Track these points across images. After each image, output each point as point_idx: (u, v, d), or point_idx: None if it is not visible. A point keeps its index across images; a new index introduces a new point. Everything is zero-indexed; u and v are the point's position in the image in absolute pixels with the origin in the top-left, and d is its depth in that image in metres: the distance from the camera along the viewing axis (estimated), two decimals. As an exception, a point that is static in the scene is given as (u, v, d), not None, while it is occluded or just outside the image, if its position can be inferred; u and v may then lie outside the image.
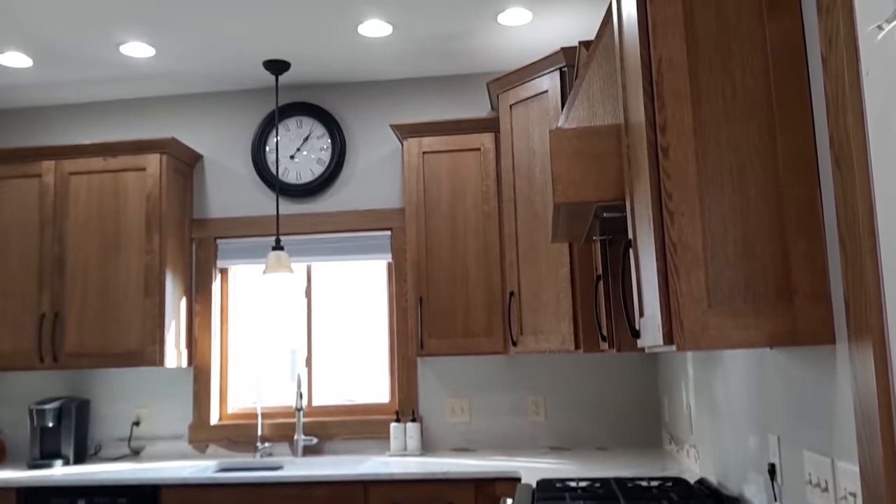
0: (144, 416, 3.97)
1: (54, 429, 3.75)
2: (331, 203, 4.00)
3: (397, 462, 3.42)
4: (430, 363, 3.85)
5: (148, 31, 3.38)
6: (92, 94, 4.13)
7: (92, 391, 4.02)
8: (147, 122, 4.18)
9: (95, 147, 3.79)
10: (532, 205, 3.31)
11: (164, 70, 3.83)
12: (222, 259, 4.05)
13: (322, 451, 3.82)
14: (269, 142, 4.03)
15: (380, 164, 4.00)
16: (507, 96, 3.46)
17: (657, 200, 1.49)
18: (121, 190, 3.77)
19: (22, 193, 3.83)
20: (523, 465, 3.22)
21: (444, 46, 3.65)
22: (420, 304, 3.52)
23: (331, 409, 3.96)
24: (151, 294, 3.68)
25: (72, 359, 3.70)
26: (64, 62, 3.70)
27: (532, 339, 3.28)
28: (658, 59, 1.51)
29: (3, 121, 4.32)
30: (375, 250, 3.95)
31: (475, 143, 3.58)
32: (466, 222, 3.55)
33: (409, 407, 3.80)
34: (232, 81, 4.02)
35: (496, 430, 3.76)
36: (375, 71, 3.93)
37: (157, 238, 3.71)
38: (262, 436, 3.86)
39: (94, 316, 3.71)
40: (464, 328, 3.49)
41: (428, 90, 4.01)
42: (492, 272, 3.50)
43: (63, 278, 3.74)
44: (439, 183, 3.59)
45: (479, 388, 3.80)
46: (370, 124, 4.03)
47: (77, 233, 3.77)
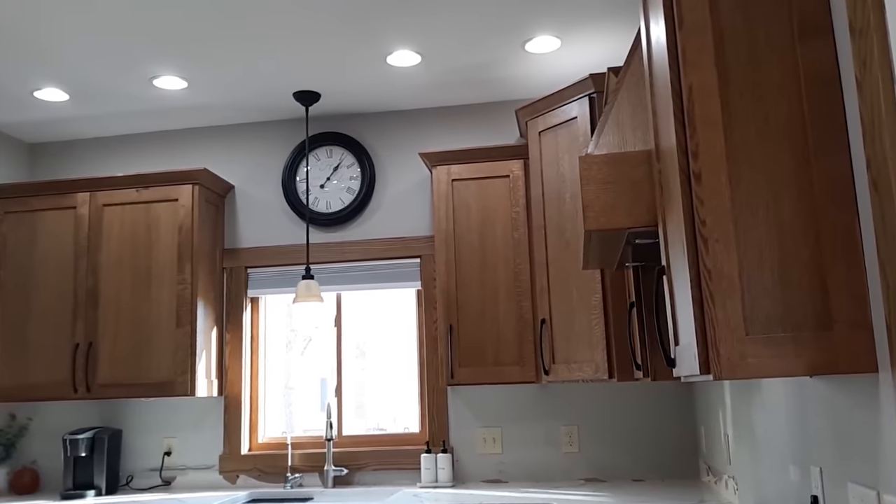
0: (175, 446, 3.98)
1: (87, 459, 3.77)
2: (360, 231, 4.01)
3: (428, 494, 3.38)
4: (460, 393, 3.81)
5: (180, 64, 3.44)
6: (125, 126, 4.21)
7: (124, 421, 4.04)
8: (179, 154, 4.25)
9: (129, 179, 3.85)
10: (562, 232, 3.28)
11: (197, 102, 3.89)
12: (253, 288, 4.07)
13: (352, 482, 3.79)
14: (300, 171, 4.06)
15: (409, 193, 4.01)
16: (535, 123, 3.45)
17: (690, 227, 1.47)
18: (153, 221, 3.82)
19: (57, 225, 3.90)
20: (558, 497, 3.16)
21: (472, 75, 3.67)
22: (450, 332, 3.50)
23: (361, 440, 3.93)
24: (183, 324, 3.70)
25: (104, 389, 3.72)
26: (99, 96, 3.78)
27: (564, 368, 3.24)
28: (689, 85, 1.49)
29: (40, 154, 4.41)
30: (405, 278, 3.94)
31: (504, 170, 3.57)
32: (496, 250, 3.53)
33: (439, 437, 3.77)
34: (262, 113, 4.07)
35: (529, 461, 3.71)
36: (404, 100, 3.96)
37: (189, 268, 3.74)
38: (292, 466, 3.84)
39: (127, 346, 3.74)
40: (494, 357, 3.46)
41: (456, 118, 4.03)
42: (522, 300, 3.47)
43: (97, 309, 3.78)
44: (468, 210, 3.58)
45: (510, 418, 3.75)
46: (399, 153, 4.05)
47: (110, 264, 3.82)
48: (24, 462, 4.05)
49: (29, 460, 4.06)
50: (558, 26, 3.20)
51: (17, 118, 4.03)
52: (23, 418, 4.11)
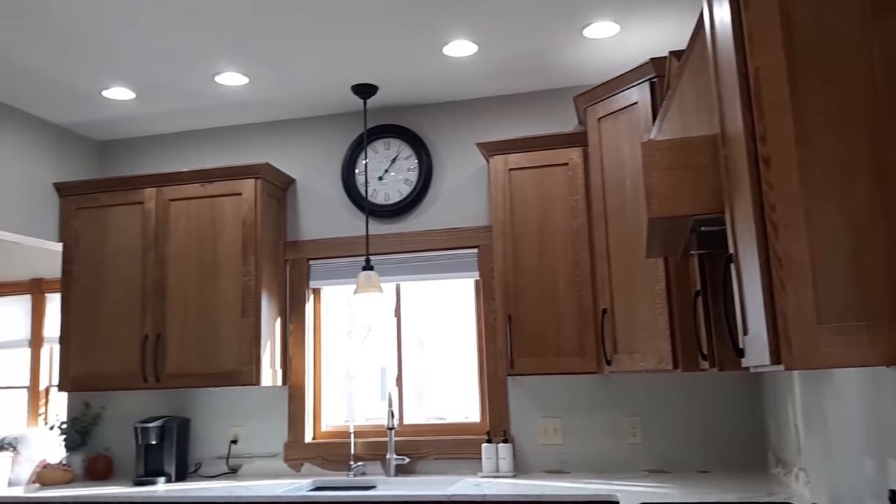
0: (242, 434, 4.07)
1: (157, 446, 3.89)
2: (418, 222, 4.03)
3: (490, 483, 3.38)
4: (520, 382, 3.80)
5: (242, 61, 3.50)
6: (190, 123, 4.31)
7: (192, 410, 4.16)
8: (242, 149, 4.33)
9: (193, 174, 3.94)
10: (624, 219, 3.23)
11: (257, 98, 3.96)
12: (315, 280, 4.13)
13: (414, 471, 3.81)
14: (359, 164, 4.09)
15: (466, 183, 4.00)
16: (595, 110, 3.40)
17: (759, 213, 1.42)
18: (218, 215, 3.90)
19: (126, 220, 4.02)
20: (621, 488, 3.13)
21: (529, 63, 3.63)
22: (509, 322, 3.48)
23: (421, 429, 3.96)
24: (248, 315, 3.78)
25: (173, 379, 3.83)
26: (163, 94, 3.87)
27: (627, 359, 3.19)
28: (755, 68, 1.45)
29: (109, 151, 4.55)
30: (463, 268, 3.94)
31: (563, 157, 3.54)
32: (555, 239, 3.50)
33: (500, 427, 3.76)
34: (321, 107, 4.11)
35: (591, 452, 3.68)
36: (461, 90, 3.94)
37: (253, 260, 3.82)
38: (354, 455, 3.89)
39: (194, 337, 3.83)
40: (555, 347, 3.43)
41: (513, 107, 4.00)
42: (583, 289, 3.43)
43: (165, 301, 3.89)
44: (526, 199, 3.55)
45: (571, 408, 3.73)
46: (456, 143, 4.04)
47: (177, 257, 3.92)
48: (98, 449, 4.20)
49: (103, 447, 4.21)
50: (617, 11, 3.14)
51: (88, 117, 4.16)
52: (96, 407, 4.26)
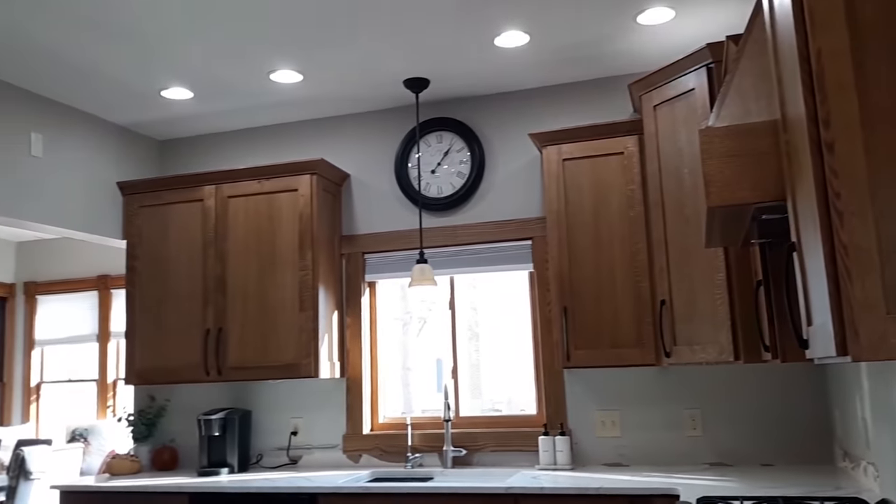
0: (301, 426, 4.14)
1: (220, 438, 3.98)
2: (471, 215, 4.02)
3: (547, 476, 3.37)
4: (577, 375, 3.77)
5: (296, 58, 3.54)
6: (246, 121, 4.38)
7: (253, 402, 4.24)
8: (297, 145, 4.39)
9: (251, 171, 4.01)
10: (682, 209, 3.17)
11: (311, 94, 4.00)
12: (370, 273, 4.17)
13: (471, 463, 3.82)
14: (411, 158, 4.11)
15: (519, 174, 3.98)
16: (650, 97, 3.34)
17: (823, 200, 1.37)
18: (275, 211, 3.96)
19: (187, 217, 4.12)
20: (681, 481, 3.08)
21: (582, 52, 3.59)
22: (564, 314, 3.46)
23: (478, 421, 3.96)
24: (306, 308, 3.84)
25: (234, 371, 3.92)
26: (220, 93, 3.95)
27: (687, 350, 3.14)
28: (817, 49, 1.40)
29: (169, 150, 4.66)
30: (517, 260, 3.93)
31: (618, 146, 3.48)
32: (611, 229, 3.45)
33: (557, 419, 3.74)
34: (374, 102, 4.14)
35: (650, 444, 3.63)
36: (512, 81, 3.92)
37: (310, 255, 3.87)
38: (412, 446, 3.92)
39: (254, 330, 3.91)
40: (612, 339, 3.40)
41: (566, 97, 3.96)
42: (640, 280, 3.38)
43: (225, 296, 3.98)
44: (581, 190, 3.51)
45: (630, 401, 3.68)
46: (509, 135, 4.02)
47: (236, 252, 4.00)
48: (163, 440, 4.32)
49: (168, 439, 4.33)
50: (672, -5, 3.08)
51: (148, 117, 4.27)
52: (161, 399, 4.39)
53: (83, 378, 7.46)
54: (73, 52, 3.39)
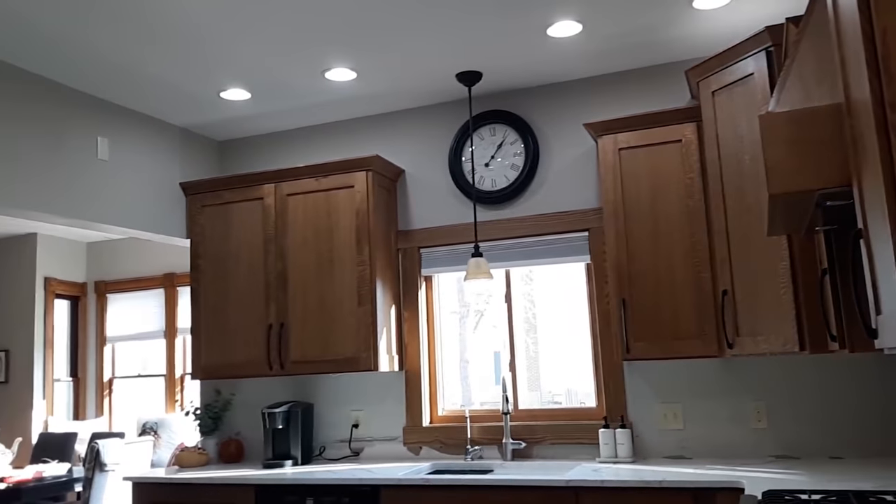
0: (362, 418, 4.19)
1: (283, 431, 4.07)
2: (526, 207, 4.01)
3: (608, 469, 3.34)
4: (638, 367, 3.72)
5: (349, 56, 3.58)
6: (301, 120, 4.45)
7: (315, 395, 4.32)
8: (352, 142, 4.43)
9: (308, 169, 4.08)
10: (743, 197, 3.10)
11: (365, 92, 4.04)
12: (426, 267, 4.19)
13: (530, 456, 3.82)
14: (465, 152, 4.11)
15: (574, 165, 3.95)
16: (708, 83, 3.27)
17: (891, 184, 1.33)
18: (333, 207, 4.02)
19: (248, 216, 4.20)
20: (746, 474, 3.02)
21: (636, 39, 3.53)
22: (623, 306, 3.42)
23: (537, 413, 3.95)
24: (364, 303, 3.88)
25: (296, 366, 3.99)
26: (276, 92, 4.02)
27: (750, 341, 3.07)
28: (882, 28, 1.35)
29: (228, 150, 4.77)
30: (573, 252, 3.89)
31: (675, 134, 3.42)
32: (669, 219, 3.40)
33: (617, 412, 3.71)
34: (427, 97, 4.15)
35: (713, 437, 3.56)
36: (566, 71, 3.88)
37: (367, 250, 3.91)
38: (471, 439, 3.93)
39: (314, 326, 3.98)
40: (672, 330, 3.34)
41: (621, 86, 3.90)
42: (701, 270, 3.32)
43: (286, 292, 4.05)
44: (638, 179, 3.46)
45: (692, 393, 3.62)
46: (562, 125, 3.99)
47: (296, 249, 4.07)
48: (229, 433, 4.43)
49: (234, 432, 4.44)
50: (729, -22, 3.01)
51: (208, 119, 4.38)
52: (227, 394, 4.50)
53: (152, 373, 7.71)
54: (136, 59, 3.50)
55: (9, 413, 7.40)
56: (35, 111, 3.61)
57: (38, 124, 3.62)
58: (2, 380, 7.56)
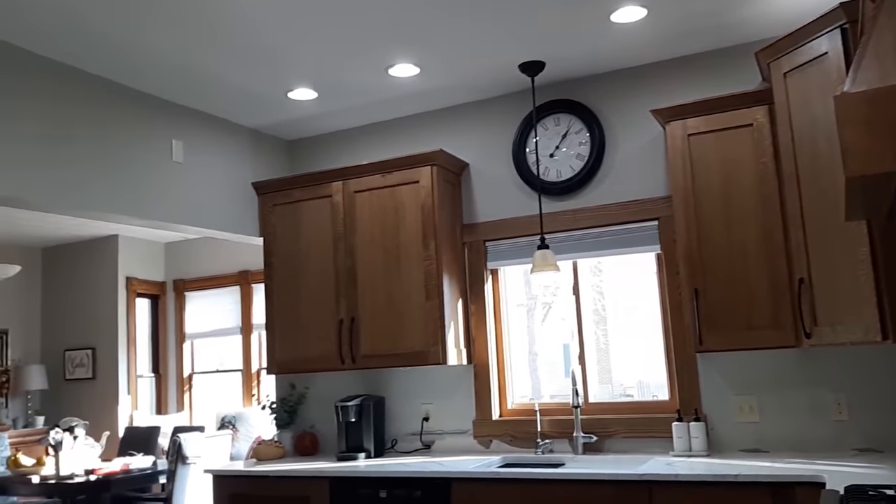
0: (432, 412, 4.23)
1: (356, 424, 4.13)
2: (592, 197, 3.95)
3: (683, 463, 3.28)
4: (711, 359, 3.63)
5: (413, 51, 3.60)
6: (367, 117, 4.50)
7: (386, 389, 4.37)
8: (416, 138, 4.46)
9: (374, 166, 4.12)
10: (818, 181, 2.99)
11: (428, 86, 4.05)
12: (492, 260, 4.19)
13: (602, 449, 3.78)
14: (529, 143, 4.08)
15: (642, 153, 3.87)
16: (779, 64, 3.16)
17: (976, 165, 1.26)
18: (399, 203, 4.05)
19: (317, 213, 4.28)
20: (827, 468, 2.92)
21: (703, 22, 3.44)
22: (695, 296, 3.34)
23: (608, 407, 3.90)
24: (431, 297, 3.91)
25: (367, 360, 4.05)
26: (342, 91, 4.08)
27: (828, 331, 2.96)
28: (966, -2, 1.28)
29: (298, 149, 4.86)
30: (642, 242, 3.83)
31: (746, 118, 3.32)
32: (742, 206, 3.30)
33: (691, 405, 3.63)
34: (490, 89, 4.14)
35: (791, 430, 3.45)
36: (631, 57, 3.81)
37: (433, 245, 3.93)
38: (541, 432, 3.92)
39: (383, 320, 4.02)
40: (746, 321, 3.25)
41: (688, 70, 3.81)
42: (775, 258, 3.22)
43: (355, 288, 4.11)
44: (708, 166, 3.38)
45: (768, 385, 3.52)
46: (628, 112, 3.92)
47: (364, 246, 4.12)
48: (304, 426, 4.53)
49: (308, 425, 4.54)
50: (800, -46, 2.90)
51: (276, 119, 4.48)
52: (301, 388, 4.60)
53: (229, 368, 7.94)
54: (205, 62, 3.60)
55: (96, 408, 7.75)
56: (112, 116, 3.76)
57: (115, 129, 3.77)
58: (89, 376, 7.92)
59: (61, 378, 8.06)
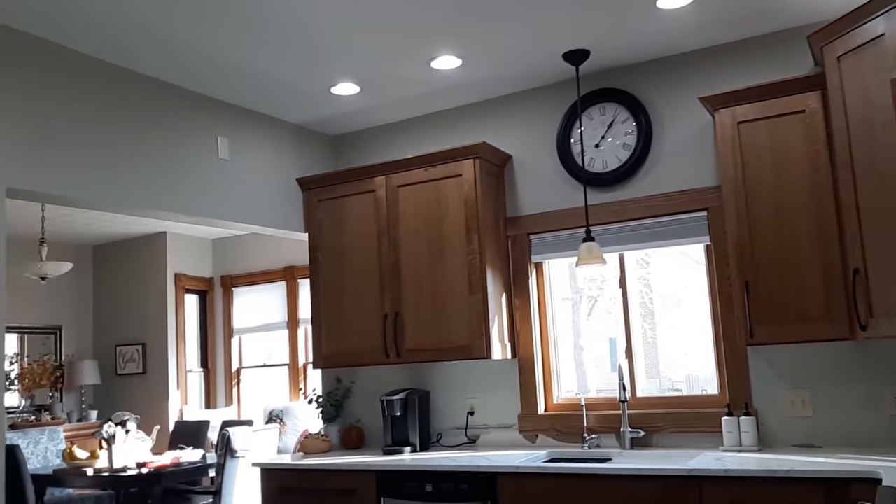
0: (477, 406, 4.21)
1: (402, 418, 4.14)
2: (639, 188, 3.89)
3: (732, 458, 3.21)
4: (763, 352, 3.55)
5: (455, 43, 3.58)
6: (409, 111, 4.50)
7: (431, 383, 4.37)
8: (459, 131, 4.44)
9: (417, 159, 4.11)
10: (874, 168, 2.89)
11: (471, 78, 4.03)
12: (536, 254, 4.15)
13: (650, 444, 3.72)
14: (574, 133, 4.03)
15: (690, 142, 3.80)
16: (832, 48, 3.06)
17: None
18: (442, 197, 4.04)
19: (361, 208, 4.29)
20: (884, 464, 2.82)
21: (753, 5, 3.35)
22: (746, 288, 3.27)
23: (655, 401, 3.84)
24: (475, 291, 3.89)
25: (412, 354, 4.05)
26: (384, 85, 4.08)
27: (885, 322, 2.86)
28: None
29: (342, 144, 4.89)
30: (691, 233, 3.75)
31: (798, 104, 3.23)
32: (794, 195, 3.21)
33: (741, 399, 3.55)
34: (533, 79, 4.10)
35: (846, 425, 3.35)
36: (677, 44, 3.74)
37: (477, 238, 3.91)
38: (587, 427, 3.87)
39: (428, 314, 4.02)
40: (799, 313, 3.16)
41: (737, 56, 3.71)
42: (829, 248, 3.13)
43: (400, 282, 4.12)
44: (759, 154, 3.29)
45: (822, 378, 3.42)
46: (676, 100, 3.84)
47: (408, 240, 4.12)
48: (350, 420, 4.56)
49: (354, 419, 4.56)
50: (854, -67, 2.80)
51: (320, 114, 4.50)
52: (347, 382, 4.63)
53: (277, 363, 8.04)
54: (250, 60, 3.63)
55: (147, 402, 7.92)
56: (160, 115, 3.82)
57: (163, 128, 3.83)
58: (140, 371, 8.10)
59: (113, 373, 8.26)
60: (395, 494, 3.65)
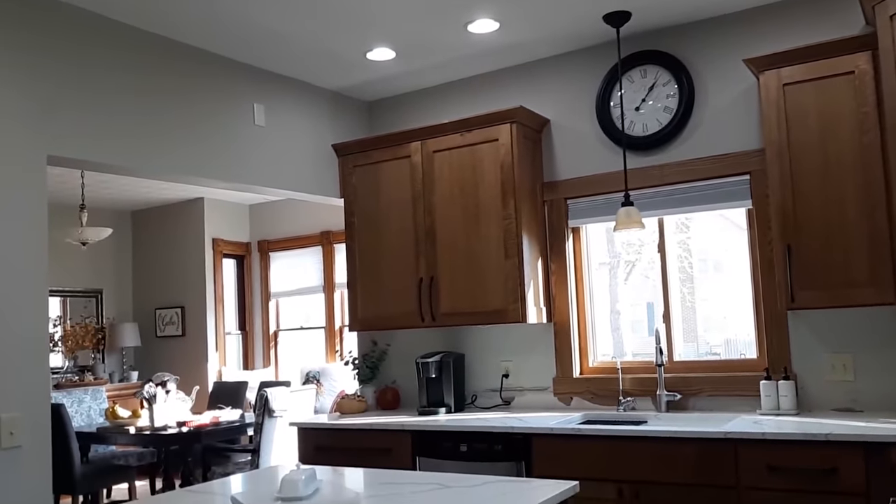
0: (512, 368, 4.24)
1: (437, 379, 4.18)
2: (680, 152, 3.84)
3: (770, 421, 3.20)
4: (803, 317, 3.51)
5: (492, 5, 3.54)
6: (445, 75, 4.47)
7: (466, 346, 4.40)
8: (496, 95, 4.41)
9: (453, 124, 4.10)
10: (924, 129, 2.81)
11: (508, 42, 3.99)
12: (573, 218, 4.13)
13: (686, 408, 3.72)
14: (613, 97, 3.98)
15: (733, 104, 3.73)
16: (885, 6, 2.97)
17: None
18: (478, 161, 4.03)
19: (396, 173, 4.30)
20: (928, 430, 2.80)
21: (801, -37, 3.26)
22: (788, 252, 3.22)
23: (693, 365, 3.83)
24: (511, 256, 3.89)
25: (447, 317, 4.08)
26: (421, 50, 4.05)
27: (933, 286, 2.81)
28: None
29: (378, 110, 4.88)
30: (732, 197, 3.70)
31: (847, 65, 3.15)
32: (840, 158, 3.15)
33: (780, 364, 3.52)
34: (572, 42, 4.04)
35: (888, 390, 3.32)
36: (722, 4, 3.65)
37: (513, 203, 3.90)
38: (623, 390, 3.88)
39: (463, 278, 4.03)
40: (843, 277, 3.12)
41: (784, 15, 3.62)
42: (876, 212, 3.07)
43: (435, 247, 4.13)
44: (805, 116, 3.23)
45: (864, 343, 3.38)
46: (719, 62, 3.76)
47: (443, 205, 4.12)
48: (385, 382, 4.62)
49: (390, 380, 4.62)
50: None
51: (356, 80, 4.49)
52: (382, 344, 4.68)
53: (313, 325, 8.14)
54: (287, 26, 3.63)
55: (187, 364, 8.08)
56: (197, 83, 3.85)
57: (200, 95, 3.85)
58: (179, 333, 8.26)
59: (153, 335, 8.43)
60: (431, 454, 3.70)
